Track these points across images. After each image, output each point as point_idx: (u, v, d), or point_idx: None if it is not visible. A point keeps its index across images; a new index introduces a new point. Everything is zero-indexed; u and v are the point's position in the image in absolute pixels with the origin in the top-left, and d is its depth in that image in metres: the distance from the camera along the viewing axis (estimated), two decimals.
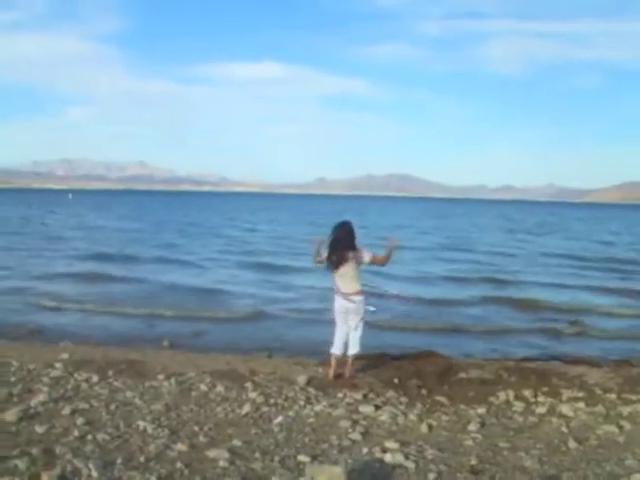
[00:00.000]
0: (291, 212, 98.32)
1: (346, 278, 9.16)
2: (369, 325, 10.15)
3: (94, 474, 5.42)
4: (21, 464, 5.52)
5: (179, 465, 5.77)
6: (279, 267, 26.25)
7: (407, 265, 25.71)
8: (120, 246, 32.49)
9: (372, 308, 9.77)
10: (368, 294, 9.78)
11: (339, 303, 9.29)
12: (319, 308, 15.17)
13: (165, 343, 12.24)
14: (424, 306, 17.77)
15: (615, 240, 48.85)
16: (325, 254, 9.22)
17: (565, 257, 33.28)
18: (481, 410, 8.03)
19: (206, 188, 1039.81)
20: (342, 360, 9.42)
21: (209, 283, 21.63)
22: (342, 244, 9.12)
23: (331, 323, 9.56)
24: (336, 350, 9.43)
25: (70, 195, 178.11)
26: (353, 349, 9.35)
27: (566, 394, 8.76)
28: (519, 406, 8.26)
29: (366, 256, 9.12)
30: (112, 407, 7.45)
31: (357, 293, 9.20)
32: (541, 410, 8.09)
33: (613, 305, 18.76)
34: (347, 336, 9.35)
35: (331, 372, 9.37)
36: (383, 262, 9.33)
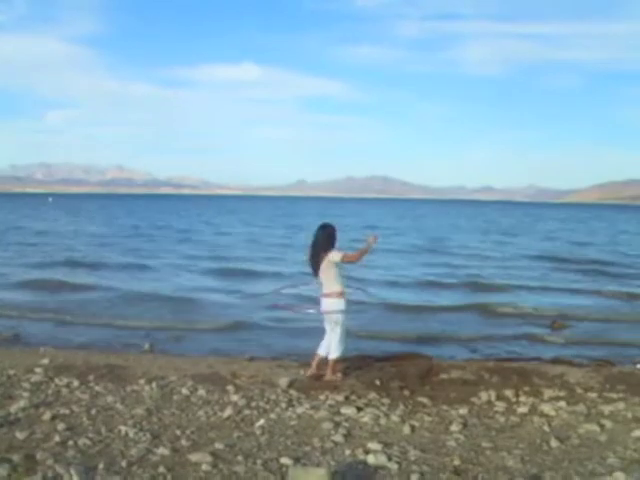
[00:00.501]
0: (268, 214, 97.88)
1: (324, 280, 9.22)
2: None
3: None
4: (2, 471, 5.49)
5: (161, 469, 5.75)
6: (250, 272, 25.45)
7: (380, 269, 25.11)
8: (86, 252, 31.42)
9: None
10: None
11: (320, 304, 9.36)
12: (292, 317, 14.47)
13: (146, 347, 12.18)
14: (399, 313, 16.99)
15: (590, 240, 48.81)
16: (306, 257, 9.30)
17: (536, 258, 33.11)
18: (463, 410, 8.04)
19: (186, 191, 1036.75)
20: (324, 362, 9.43)
21: (175, 291, 20.27)
22: (318, 247, 9.21)
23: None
24: (319, 350, 9.46)
25: (50, 199, 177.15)
26: (331, 353, 9.37)
27: (547, 393, 8.79)
28: (501, 406, 8.28)
29: (336, 256, 9.10)
30: (93, 412, 7.41)
31: (329, 295, 9.25)
32: (523, 410, 8.12)
33: (589, 308, 18.46)
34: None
35: (308, 370, 9.48)
36: (353, 259, 9.23)
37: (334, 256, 9.09)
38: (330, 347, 9.35)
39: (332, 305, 9.23)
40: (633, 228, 73.73)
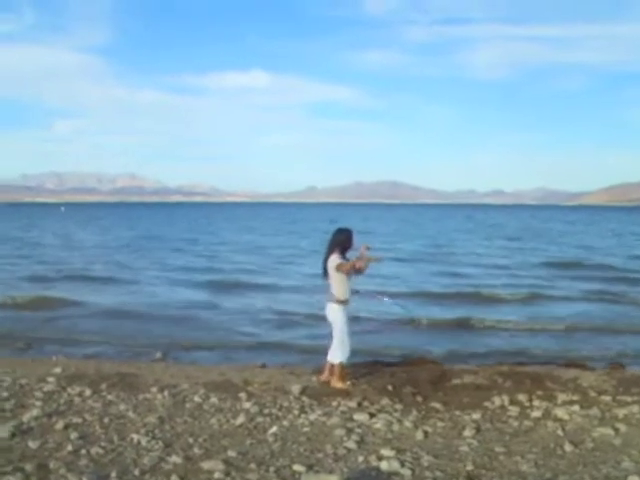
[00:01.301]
0: (275, 221, 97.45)
1: (330, 284, 9.20)
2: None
3: None
4: None
5: (174, 478, 5.75)
6: (242, 284, 24.07)
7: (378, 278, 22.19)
8: (70, 264, 30.35)
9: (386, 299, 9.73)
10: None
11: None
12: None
13: (158, 355, 12.19)
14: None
15: (596, 245, 47.68)
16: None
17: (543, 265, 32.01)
18: (476, 415, 8.01)
19: (196, 199, 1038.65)
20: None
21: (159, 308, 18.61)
22: (327, 250, 9.21)
23: None
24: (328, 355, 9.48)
25: (62, 208, 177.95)
26: (329, 356, 9.37)
27: (561, 397, 8.75)
28: (514, 410, 8.23)
29: (332, 262, 9.04)
30: (106, 421, 7.42)
31: (330, 300, 9.24)
32: (536, 414, 8.08)
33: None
34: None
35: (321, 376, 9.52)
36: (344, 270, 9.00)
37: (331, 262, 9.06)
38: (329, 351, 9.34)
39: (329, 310, 9.26)
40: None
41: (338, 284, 9.13)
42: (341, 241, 9.18)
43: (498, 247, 43.80)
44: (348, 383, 9.32)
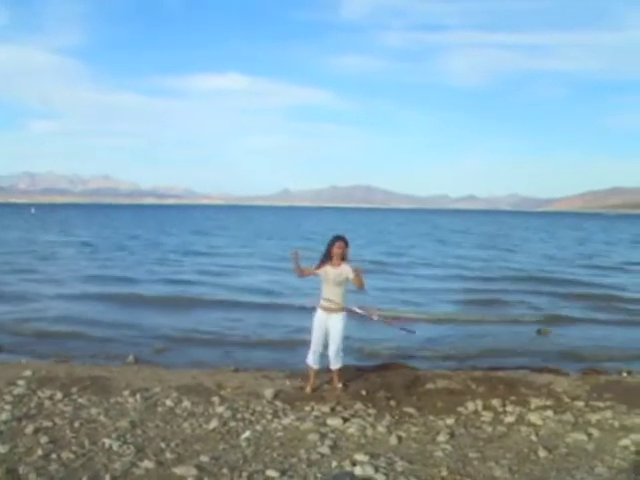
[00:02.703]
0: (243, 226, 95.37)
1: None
2: None
3: None
4: None
5: None
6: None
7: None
8: None
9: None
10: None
11: None
12: None
13: (130, 358, 12.07)
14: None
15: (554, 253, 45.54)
16: None
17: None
18: (450, 421, 8.01)
19: (170, 201, 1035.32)
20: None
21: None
22: (324, 258, 9.16)
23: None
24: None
25: (32, 210, 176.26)
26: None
27: (534, 403, 8.78)
28: (488, 416, 8.25)
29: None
30: (76, 425, 7.33)
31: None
32: (510, 419, 8.09)
33: None
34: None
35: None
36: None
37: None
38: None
39: (336, 320, 9.16)
40: (598, 237, 72.99)
41: (344, 293, 9.14)
42: (327, 248, 9.12)
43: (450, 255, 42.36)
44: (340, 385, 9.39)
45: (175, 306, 18.76)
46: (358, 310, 9.46)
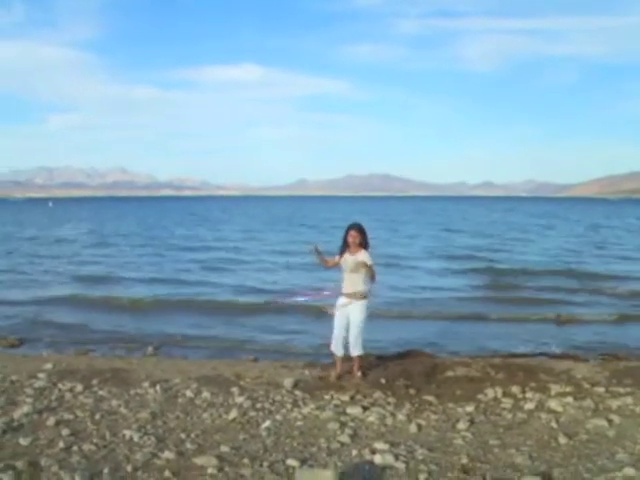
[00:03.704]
0: (256, 217, 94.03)
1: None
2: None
3: None
4: (6, 478, 5.45)
5: (167, 474, 5.71)
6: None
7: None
8: None
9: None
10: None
11: None
12: None
13: (149, 350, 12.13)
14: None
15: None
16: None
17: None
18: (469, 408, 7.99)
19: (186, 192, 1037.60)
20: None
21: None
22: (344, 246, 9.34)
23: None
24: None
25: (50, 203, 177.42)
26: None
27: (554, 389, 8.73)
28: (507, 403, 8.22)
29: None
30: (97, 417, 7.37)
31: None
32: (530, 406, 8.06)
33: None
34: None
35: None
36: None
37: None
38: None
39: (356, 307, 9.27)
40: (605, 222, 71.89)
41: (364, 279, 9.18)
42: (344, 236, 9.28)
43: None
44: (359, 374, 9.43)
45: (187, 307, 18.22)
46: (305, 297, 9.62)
